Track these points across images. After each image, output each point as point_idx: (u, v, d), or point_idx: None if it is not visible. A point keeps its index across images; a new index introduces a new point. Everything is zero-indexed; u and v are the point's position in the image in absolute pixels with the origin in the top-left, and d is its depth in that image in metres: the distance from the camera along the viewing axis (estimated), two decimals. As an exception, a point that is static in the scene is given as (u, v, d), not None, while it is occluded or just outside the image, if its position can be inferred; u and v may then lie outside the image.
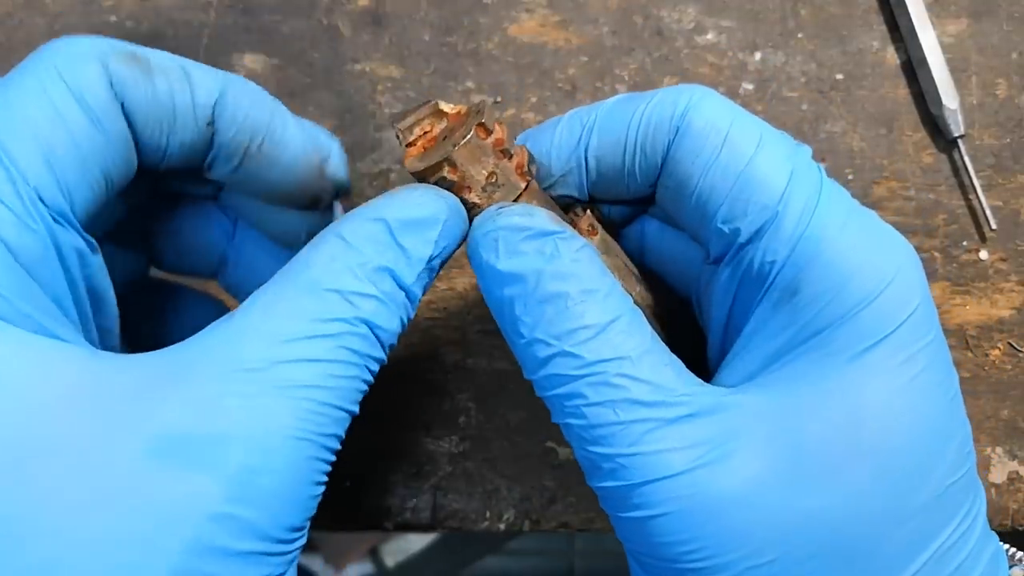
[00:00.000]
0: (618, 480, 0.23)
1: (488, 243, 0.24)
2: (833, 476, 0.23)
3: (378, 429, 0.38)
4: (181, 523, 0.20)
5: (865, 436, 0.23)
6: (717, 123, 0.25)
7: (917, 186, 0.40)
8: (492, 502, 0.37)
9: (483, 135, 0.25)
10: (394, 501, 0.37)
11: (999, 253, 0.39)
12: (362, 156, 0.40)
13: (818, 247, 0.24)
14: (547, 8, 0.41)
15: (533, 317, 0.24)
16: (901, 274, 0.24)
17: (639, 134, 0.26)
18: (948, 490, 0.23)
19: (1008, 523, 0.37)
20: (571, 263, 0.24)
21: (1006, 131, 0.40)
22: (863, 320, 0.23)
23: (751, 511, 0.22)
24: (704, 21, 0.41)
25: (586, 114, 0.27)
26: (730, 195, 0.25)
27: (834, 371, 0.23)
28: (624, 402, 0.23)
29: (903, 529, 0.23)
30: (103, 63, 0.23)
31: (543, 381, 0.24)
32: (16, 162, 0.21)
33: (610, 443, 0.23)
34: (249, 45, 0.41)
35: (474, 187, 0.25)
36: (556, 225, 0.24)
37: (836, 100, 0.41)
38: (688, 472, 0.22)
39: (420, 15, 0.41)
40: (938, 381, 0.24)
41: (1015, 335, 0.38)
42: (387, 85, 0.41)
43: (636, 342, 0.23)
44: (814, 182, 0.25)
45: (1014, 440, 0.37)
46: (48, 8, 0.42)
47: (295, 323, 0.22)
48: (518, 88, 0.41)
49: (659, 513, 0.23)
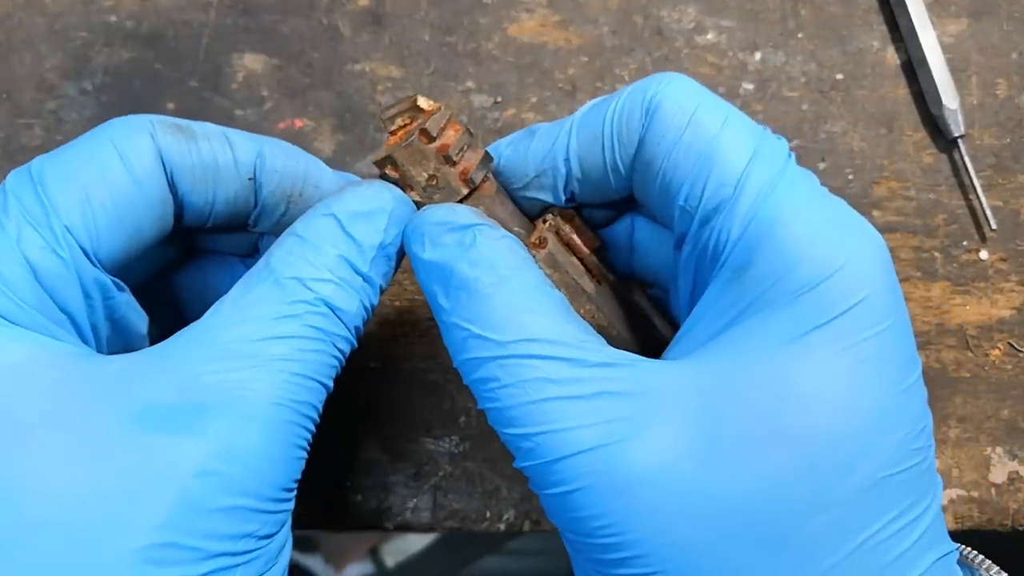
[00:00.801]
0: (535, 459, 0.24)
1: (416, 237, 0.26)
2: (750, 458, 0.22)
3: (378, 429, 0.38)
4: (167, 481, 0.22)
5: (788, 420, 0.23)
6: (684, 105, 0.25)
7: (917, 186, 0.40)
8: (492, 502, 0.37)
9: (425, 140, 0.26)
10: (394, 501, 0.37)
11: (999, 253, 0.39)
12: (362, 156, 0.40)
13: (771, 228, 0.24)
14: (547, 8, 0.41)
15: (451, 303, 0.25)
16: (854, 262, 0.23)
17: (614, 126, 0.26)
18: (882, 483, 0.23)
19: (1008, 523, 0.37)
20: (488, 251, 0.25)
21: (1006, 131, 0.40)
22: (805, 304, 0.23)
23: (662, 489, 0.22)
24: (704, 21, 0.41)
25: (566, 119, 0.28)
26: (691, 173, 0.25)
27: (767, 352, 0.23)
28: (535, 381, 0.23)
29: (824, 517, 0.22)
30: (151, 134, 0.26)
31: (463, 367, 0.25)
32: (53, 200, 0.24)
33: (524, 423, 0.23)
34: (249, 45, 0.41)
35: (415, 187, 0.27)
36: (478, 219, 0.26)
37: (836, 100, 0.41)
38: (600, 448, 0.23)
39: (420, 15, 0.41)
40: (885, 372, 0.23)
41: (1015, 335, 0.38)
42: (387, 85, 0.41)
43: (547, 322, 0.24)
44: (777, 165, 0.25)
45: (1014, 440, 0.37)
46: (48, 8, 0.42)
47: (262, 307, 0.24)
48: (518, 88, 0.41)
49: (573, 489, 0.23)
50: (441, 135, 0.27)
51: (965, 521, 0.37)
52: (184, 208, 0.27)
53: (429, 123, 0.26)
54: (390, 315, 0.39)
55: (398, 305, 0.39)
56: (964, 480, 0.37)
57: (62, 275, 0.24)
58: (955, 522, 0.37)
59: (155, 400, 0.23)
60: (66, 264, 0.24)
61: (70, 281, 0.24)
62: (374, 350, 0.38)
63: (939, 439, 0.37)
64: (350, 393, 0.38)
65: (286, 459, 0.24)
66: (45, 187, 0.24)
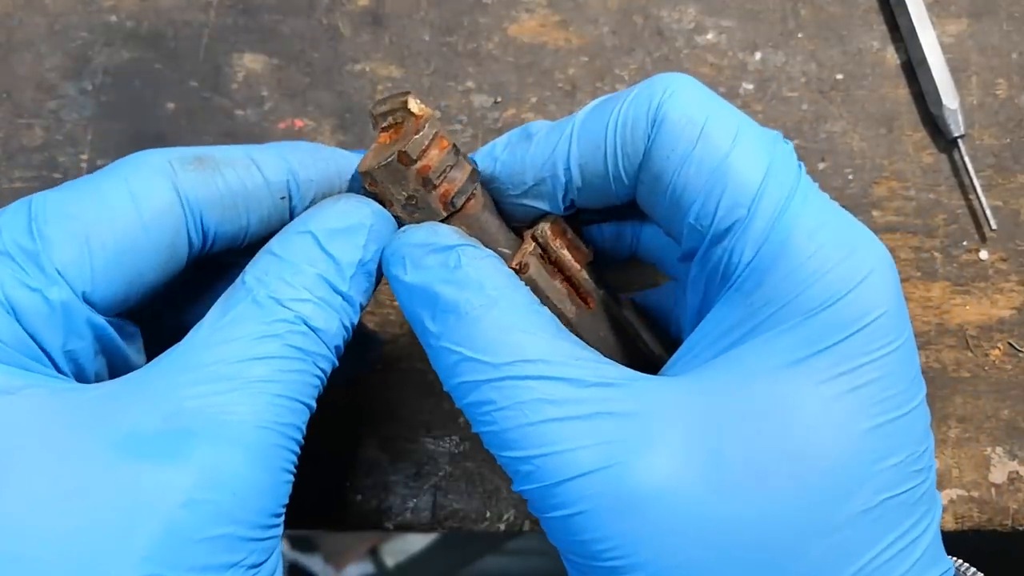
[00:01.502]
0: (535, 482, 0.23)
1: (396, 259, 0.25)
2: (753, 481, 0.22)
3: (378, 429, 0.38)
4: (152, 512, 0.21)
5: (791, 443, 0.22)
6: (693, 116, 0.25)
7: (917, 186, 0.40)
8: (492, 502, 0.37)
9: (404, 163, 0.26)
10: (394, 501, 0.37)
11: (999, 253, 0.39)
12: (362, 156, 0.40)
13: (782, 251, 0.23)
14: (547, 8, 0.41)
15: (439, 326, 0.24)
16: (864, 285, 0.23)
17: (617, 136, 0.25)
18: (882, 505, 0.22)
19: (1008, 523, 0.37)
20: (474, 272, 0.24)
21: (1006, 131, 0.40)
22: (813, 326, 0.23)
23: (667, 510, 0.22)
24: (704, 21, 0.41)
25: (565, 123, 0.27)
26: (703, 191, 0.24)
27: (772, 373, 0.23)
28: (532, 402, 0.23)
29: (827, 540, 0.22)
30: (171, 175, 0.25)
31: (456, 390, 0.24)
32: (48, 238, 0.24)
33: (522, 446, 0.23)
34: (249, 45, 0.41)
35: (395, 203, 0.27)
36: (460, 239, 0.25)
37: (836, 100, 0.41)
38: (601, 470, 0.22)
39: (420, 15, 0.41)
40: (888, 395, 0.23)
41: (1015, 335, 0.38)
42: (387, 85, 0.41)
43: (541, 342, 0.24)
44: (789, 181, 0.24)
45: (1014, 440, 0.37)
46: (48, 8, 0.42)
47: (241, 328, 0.24)
48: (518, 88, 0.41)
49: (575, 512, 0.22)
50: (423, 156, 0.26)
51: (965, 521, 0.37)
52: (216, 239, 0.26)
53: (410, 145, 0.25)
54: (390, 315, 0.39)
55: (398, 305, 0.39)
56: (964, 480, 0.37)
57: (43, 314, 0.23)
58: (955, 522, 0.37)
59: (137, 427, 0.22)
60: (51, 305, 0.23)
61: (54, 321, 0.24)
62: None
63: (939, 439, 0.37)
64: (350, 393, 0.38)
65: (273, 484, 0.23)
66: (42, 224, 0.24)
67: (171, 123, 0.40)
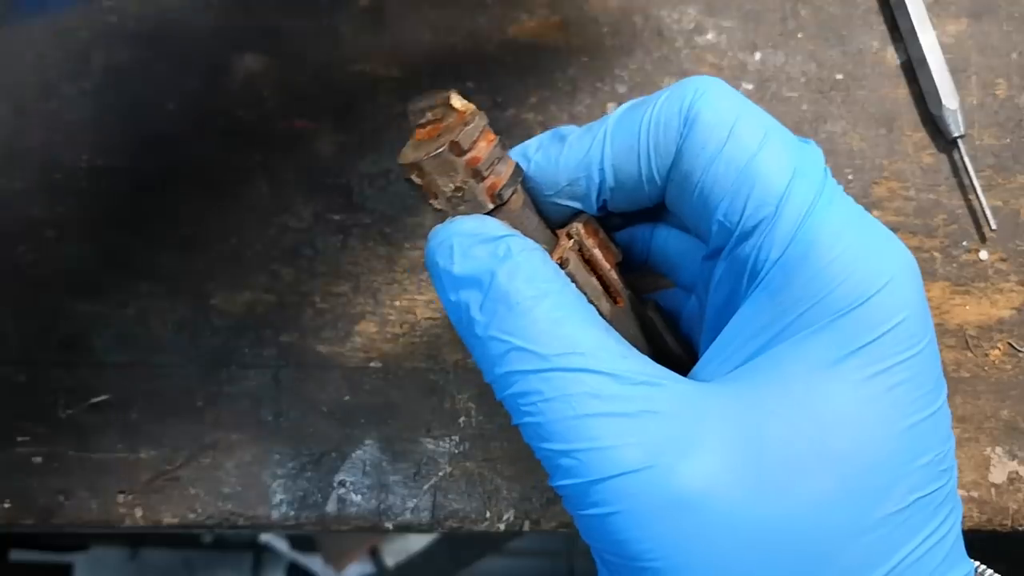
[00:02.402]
0: (575, 477, 0.23)
1: (443, 250, 0.25)
2: (795, 482, 0.22)
3: (378, 429, 0.38)
4: None
5: (831, 443, 0.23)
6: (724, 116, 0.25)
7: (917, 186, 0.40)
8: (492, 502, 0.37)
9: (456, 152, 0.25)
10: (394, 501, 0.37)
11: (999, 253, 0.39)
12: (362, 156, 0.40)
13: (809, 250, 0.24)
14: (547, 8, 0.41)
15: (487, 316, 0.24)
16: (891, 285, 0.23)
17: (650, 136, 0.26)
18: (914, 504, 0.23)
19: (1008, 523, 0.37)
20: (524, 263, 0.24)
21: (1006, 131, 0.40)
22: (843, 327, 0.23)
23: (709, 512, 0.22)
24: (704, 21, 0.41)
25: (598, 125, 0.27)
26: (731, 189, 0.25)
27: (807, 375, 0.23)
28: (580, 395, 0.23)
29: (862, 540, 0.22)
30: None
31: (500, 380, 0.24)
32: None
33: (566, 439, 0.23)
34: (249, 45, 0.41)
35: (440, 196, 0.26)
36: (508, 231, 0.25)
37: (836, 100, 0.41)
38: (645, 470, 0.22)
39: (420, 15, 0.41)
40: (918, 395, 0.23)
41: (1015, 335, 0.38)
42: (387, 85, 0.41)
43: (591, 335, 0.23)
44: (816, 183, 0.24)
45: (1014, 440, 0.37)
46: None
47: None
48: (518, 88, 0.41)
49: (615, 510, 0.22)
50: (473, 147, 0.26)
51: (965, 521, 0.37)
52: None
53: (462, 135, 0.25)
54: (390, 315, 0.39)
55: (398, 305, 0.39)
56: (964, 480, 0.37)
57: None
58: (955, 522, 0.37)
59: None
60: None
61: None
62: (374, 350, 0.38)
63: (939, 439, 0.38)
64: (350, 393, 0.38)
65: None
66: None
67: (171, 123, 0.40)
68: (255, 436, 0.38)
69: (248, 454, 0.37)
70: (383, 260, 0.39)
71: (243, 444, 0.37)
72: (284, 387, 0.38)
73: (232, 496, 0.37)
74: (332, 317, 0.39)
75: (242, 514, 0.37)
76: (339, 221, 0.39)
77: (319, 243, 0.39)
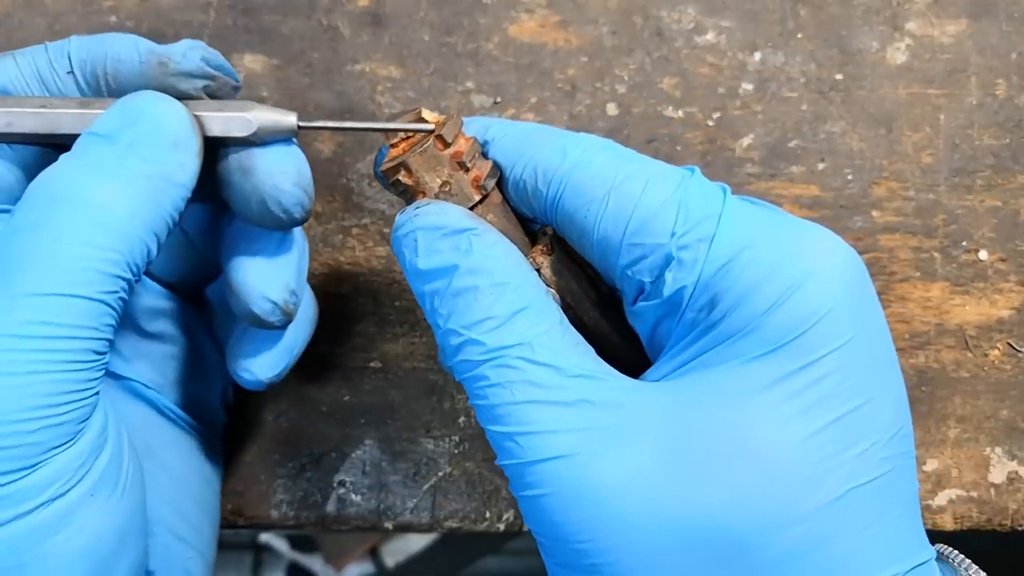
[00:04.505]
0: (513, 458, 0.24)
1: (409, 243, 0.26)
2: (719, 473, 0.23)
3: (378, 429, 0.38)
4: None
5: (752, 438, 0.23)
6: (603, 173, 0.26)
7: (917, 186, 0.40)
8: (492, 502, 0.37)
9: (440, 146, 0.27)
10: (394, 501, 0.37)
11: (998, 253, 0.39)
12: (362, 156, 0.40)
13: (722, 268, 0.25)
14: (547, 8, 0.41)
15: (447, 309, 0.26)
16: (810, 282, 0.24)
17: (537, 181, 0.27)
18: (849, 494, 0.23)
19: (1008, 523, 0.37)
20: (484, 258, 0.26)
21: (1006, 131, 0.40)
22: (764, 329, 0.24)
23: (633, 500, 0.23)
24: (704, 21, 0.41)
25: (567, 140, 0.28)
26: (624, 243, 0.26)
27: (731, 375, 0.24)
28: (521, 383, 0.24)
29: (791, 532, 0.23)
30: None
31: (456, 367, 0.26)
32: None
33: (507, 422, 0.24)
34: (249, 45, 0.41)
35: (428, 192, 0.27)
36: (471, 222, 0.26)
37: (836, 100, 0.41)
38: (574, 455, 0.23)
39: (420, 15, 0.41)
40: (847, 386, 0.24)
41: (1015, 335, 0.38)
42: (387, 85, 0.41)
43: (541, 330, 0.25)
44: (710, 207, 0.25)
45: (1014, 440, 0.37)
46: (48, 8, 0.42)
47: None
48: (518, 88, 0.41)
49: (547, 492, 0.24)
50: (455, 142, 0.27)
51: (965, 521, 0.37)
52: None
53: (444, 129, 0.27)
54: (390, 315, 0.39)
55: (398, 305, 0.39)
56: (964, 480, 0.37)
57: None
58: (955, 522, 0.37)
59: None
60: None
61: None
62: (374, 350, 0.39)
63: (939, 439, 0.38)
64: (350, 393, 0.38)
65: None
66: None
67: (171, 123, 0.40)
68: (255, 436, 0.38)
69: (248, 454, 0.37)
70: (383, 260, 0.39)
71: (243, 444, 0.37)
72: (284, 387, 0.38)
73: (232, 496, 0.37)
74: (332, 317, 0.39)
75: (242, 514, 0.37)
76: (339, 221, 0.39)
77: (319, 243, 0.39)
